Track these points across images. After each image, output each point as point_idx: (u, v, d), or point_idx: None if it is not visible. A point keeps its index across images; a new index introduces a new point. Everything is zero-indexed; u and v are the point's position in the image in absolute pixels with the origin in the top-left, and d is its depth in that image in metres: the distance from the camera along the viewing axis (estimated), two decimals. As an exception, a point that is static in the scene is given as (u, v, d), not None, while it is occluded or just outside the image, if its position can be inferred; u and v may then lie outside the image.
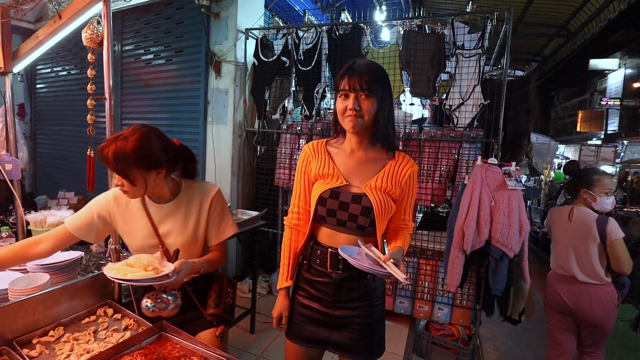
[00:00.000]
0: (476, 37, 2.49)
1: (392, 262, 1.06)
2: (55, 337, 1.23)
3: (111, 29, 1.41)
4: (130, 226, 1.38)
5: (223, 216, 1.42)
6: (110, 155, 1.17)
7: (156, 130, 1.29)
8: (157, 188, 1.32)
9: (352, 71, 1.12)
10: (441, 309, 2.67)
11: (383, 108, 1.15)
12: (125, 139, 1.19)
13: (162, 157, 1.26)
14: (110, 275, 1.11)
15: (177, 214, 1.36)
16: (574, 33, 6.00)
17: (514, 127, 2.50)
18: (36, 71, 5.13)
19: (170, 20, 3.49)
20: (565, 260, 2.02)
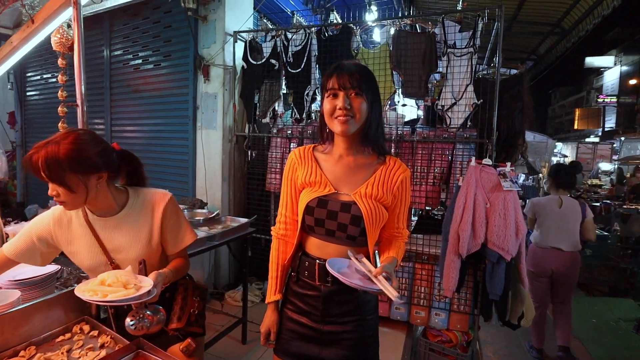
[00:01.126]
0: (467, 35, 2.44)
1: (385, 276, 0.99)
2: (26, 358, 1.16)
3: (82, 33, 1.36)
4: (75, 246, 1.26)
5: (180, 224, 1.34)
6: (41, 162, 1.04)
7: (91, 133, 1.19)
8: (101, 198, 1.21)
9: (341, 69, 1.07)
10: (438, 315, 2.60)
11: (374, 109, 1.09)
12: (57, 143, 1.06)
13: (101, 159, 1.14)
14: (86, 297, 1.03)
15: (127, 226, 1.26)
16: (568, 31, 5.97)
17: (508, 127, 2.45)
18: (26, 78, 5.06)
19: (158, 24, 3.44)
20: (554, 237, 2.68)
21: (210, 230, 2.31)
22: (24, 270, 1.49)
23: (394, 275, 1.02)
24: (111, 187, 1.25)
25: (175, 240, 1.33)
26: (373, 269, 1.02)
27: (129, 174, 1.32)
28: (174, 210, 1.32)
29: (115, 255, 1.27)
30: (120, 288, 1.06)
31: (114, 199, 1.25)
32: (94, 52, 3.98)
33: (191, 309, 1.33)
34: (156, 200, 1.29)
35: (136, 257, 1.26)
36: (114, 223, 1.25)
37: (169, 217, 1.29)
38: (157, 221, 1.28)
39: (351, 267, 1.07)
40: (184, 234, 1.34)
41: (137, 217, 1.27)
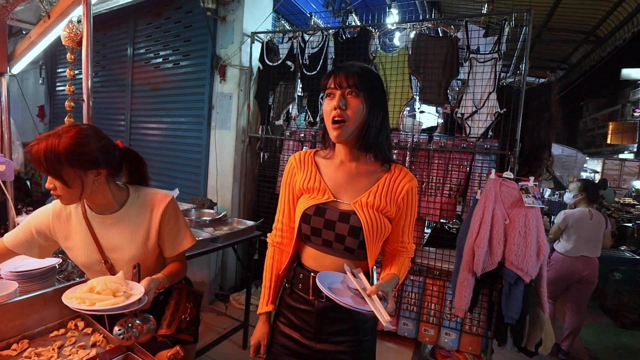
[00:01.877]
0: (492, 40, 2.31)
1: (380, 296, 0.90)
2: (17, 351, 1.15)
3: (91, 29, 1.35)
4: (72, 241, 1.25)
5: (179, 227, 1.30)
6: (41, 154, 1.03)
7: (94, 128, 1.17)
8: (100, 195, 1.18)
9: (339, 69, 1.00)
10: (448, 334, 2.47)
11: (373, 112, 1.00)
12: (58, 136, 1.05)
13: (101, 155, 1.12)
14: (74, 305, 0.99)
15: (125, 225, 1.23)
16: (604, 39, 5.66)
17: (532, 139, 2.29)
18: (56, 73, 5.25)
19: (179, 24, 3.49)
20: (582, 245, 2.88)
21: (215, 232, 2.28)
22: (26, 262, 1.49)
23: (391, 295, 0.93)
24: (111, 184, 1.22)
25: (173, 244, 1.29)
26: (369, 286, 0.94)
27: (131, 172, 1.30)
28: (174, 213, 1.28)
29: (110, 254, 1.24)
30: (109, 296, 1.02)
31: (114, 196, 1.22)
32: (119, 49, 4.09)
33: (183, 315, 1.27)
34: (156, 201, 1.26)
35: (131, 257, 1.23)
36: (112, 221, 1.23)
37: (167, 219, 1.26)
38: (156, 222, 1.24)
39: (344, 282, 0.99)
40: (182, 237, 1.30)
41: (136, 217, 1.24)
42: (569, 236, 2.91)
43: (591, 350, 3.15)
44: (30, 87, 5.93)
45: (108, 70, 4.26)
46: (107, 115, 4.25)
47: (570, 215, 2.94)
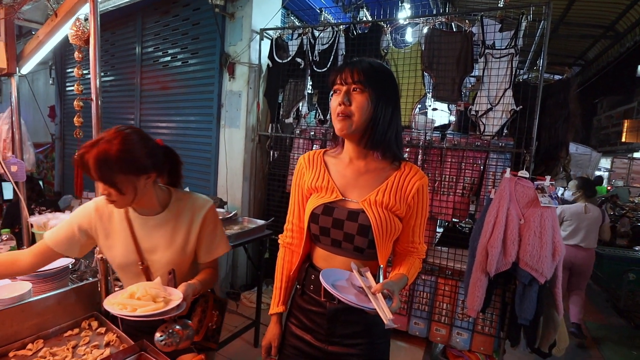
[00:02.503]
0: (508, 35, 2.25)
1: (385, 294, 0.88)
2: (32, 351, 1.17)
3: (98, 27, 1.33)
4: (111, 240, 1.25)
5: (216, 233, 1.29)
6: (92, 162, 1.03)
7: (140, 131, 1.17)
8: (146, 197, 1.19)
9: (345, 64, 0.99)
10: (460, 334, 2.44)
11: (380, 107, 0.96)
12: (108, 142, 1.04)
13: (150, 159, 1.13)
14: (116, 311, 1.01)
15: (165, 228, 1.24)
16: (623, 34, 5.49)
17: (549, 137, 2.23)
18: (66, 74, 5.30)
19: (187, 22, 3.47)
20: (579, 236, 3.24)
21: (226, 231, 2.27)
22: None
23: (397, 294, 0.90)
24: (156, 186, 1.23)
25: (208, 249, 1.29)
26: (374, 284, 0.91)
27: (169, 172, 1.30)
28: (213, 219, 1.29)
29: (148, 255, 1.24)
30: (149, 302, 1.02)
31: (157, 199, 1.23)
32: (127, 48, 4.10)
33: (209, 323, 1.29)
34: (198, 206, 1.26)
35: (168, 260, 1.23)
36: (153, 223, 1.23)
37: (207, 225, 1.26)
38: (196, 228, 1.24)
39: (349, 280, 0.97)
40: (218, 244, 1.31)
41: (176, 221, 1.24)
42: (566, 227, 3.32)
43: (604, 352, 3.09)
44: (40, 88, 6.00)
45: (117, 70, 4.27)
46: (116, 114, 4.27)
47: (566, 209, 3.37)
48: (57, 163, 5.65)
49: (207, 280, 1.26)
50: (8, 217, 3.24)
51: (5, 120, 2.09)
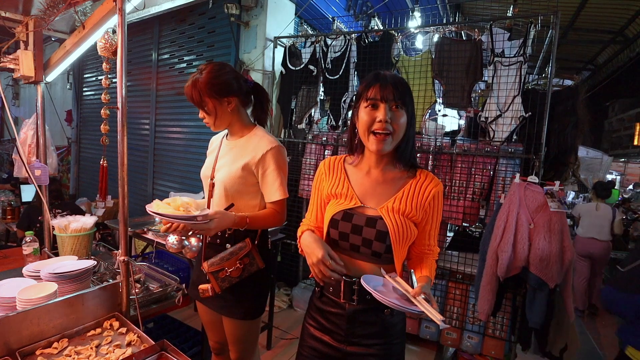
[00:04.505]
0: (517, 43, 2.29)
1: (424, 298, 0.93)
2: (58, 350, 1.21)
3: (125, 39, 1.40)
4: (210, 156, 1.53)
5: (274, 177, 1.36)
6: (188, 90, 1.33)
7: (223, 64, 1.38)
8: (233, 123, 1.40)
9: (385, 79, 1.00)
10: (471, 338, 2.47)
11: (412, 124, 1.04)
12: (200, 72, 1.33)
13: (231, 85, 1.34)
14: (148, 208, 1.20)
15: (234, 153, 1.41)
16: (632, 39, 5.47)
17: (558, 142, 2.25)
18: (83, 79, 5.45)
19: (203, 29, 3.57)
20: (591, 229, 3.83)
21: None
22: (63, 264, 1.55)
23: (433, 297, 0.95)
24: (244, 116, 1.44)
25: (268, 190, 1.38)
26: (410, 288, 0.96)
27: (255, 106, 1.47)
28: (273, 160, 1.36)
29: (216, 173, 1.42)
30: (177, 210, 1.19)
31: (242, 128, 1.43)
32: (144, 55, 4.21)
33: (227, 267, 1.34)
34: (263, 143, 1.37)
35: (222, 181, 1.38)
36: (230, 147, 1.43)
37: (266, 163, 1.35)
38: (253, 161, 1.35)
39: (387, 285, 1.01)
40: (277, 188, 1.37)
41: (243, 150, 1.39)
42: (581, 222, 3.94)
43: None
44: (58, 92, 6.16)
45: (133, 76, 4.39)
46: (132, 119, 4.38)
47: (579, 207, 4.09)
48: (72, 166, 5.78)
49: (262, 217, 1.37)
50: (25, 218, 3.33)
51: (31, 126, 2.17)
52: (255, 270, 1.38)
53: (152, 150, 4.18)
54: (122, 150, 1.42)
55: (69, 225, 2.07)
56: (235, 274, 1.34)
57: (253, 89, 1.45)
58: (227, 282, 1.35)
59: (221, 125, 1.39)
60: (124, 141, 1.42)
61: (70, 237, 2.04)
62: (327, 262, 0.99)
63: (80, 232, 2.07)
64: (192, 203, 1.21)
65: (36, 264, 1.62)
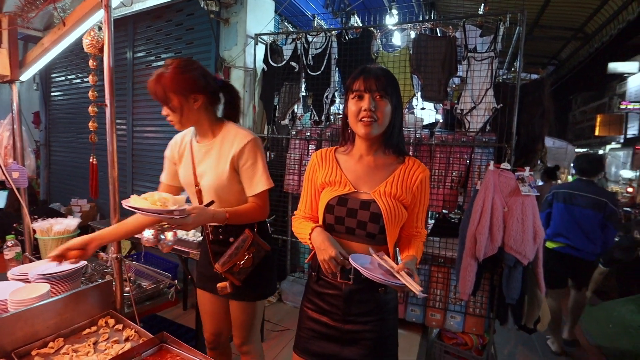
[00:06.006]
0: (488, 40, 2.42)
1: (407, 272, 1.01)
2: (54, 349, 1.21)
3: (112, 35, 1.40)
4: (181, 164, 1.47)
5: (256, 168, 1.37)
6: (152, 85, 1.27)
7: (190, 61, 1.34)
8: (201, 123, 1.35)
9: (368, 72, 1.10)
10: (454, 317, 2.59)
11: (397, 113, 1.12)
12: (166, 66, 1.28)
13: (198, 82, 1.29)
14: (124, 203, 1.15)
15: (212, 155, 1.38)
16: (592, 36, 5.84)
17: (527, 131, 2.41)
18: (51, 79, 5.23)
19: (181, 26, 3.52)
20: None
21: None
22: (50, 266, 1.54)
23: (416, 272, 1.04)
24: (211, 114, 1.39)
25: (249, 183, 1.38)
26: (395, 265, 1.04)
27: (226, 105, 1.44)
28: (252, 153, 1.36)
29: (200, 179, 1.39)
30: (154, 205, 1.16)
31: (211, 127, 1.38)
32: (117, 54, 4.08)
33: (238, 261, 1.38)
34: (239, 136, 1.36)
35: (212, 185, 1.37)
36: (205, 150, 1.39)
37: (245, 157, 1.35)
38: (231, 155, 1.34)
39: (373, 262, 1.09)
40: (258, 179, 1.37)
41: (221, 149, 1.37)
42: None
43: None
44: (23, 93, 5.78)
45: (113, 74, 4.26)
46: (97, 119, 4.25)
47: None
48: (42, 170, 5.52)
49: (243, 212, 1.36)
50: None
51: (6, 127, 2.10)
52: (264, 254, 1.43)
53: (130, 151, 4.09)
54: (112, 149, 1.43)
55: (52, 228, 2.04)
56: (248, 264, 1.39)
57: (222, 88, 1.41)
58: (244, 274, 1.40)
59: (187, 123, 1.35)
60: (113, 139, 1.42)
61: (53, 240, 2.01)
62: (339, 260, 1.06)
63: (63, 235, 2.04)
64: (170, 198, 1.19)
65: (21, 267, 1.59)
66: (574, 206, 2.79)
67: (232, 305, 1.51)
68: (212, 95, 1.37)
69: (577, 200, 2.79)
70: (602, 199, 2.72)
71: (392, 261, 1.07)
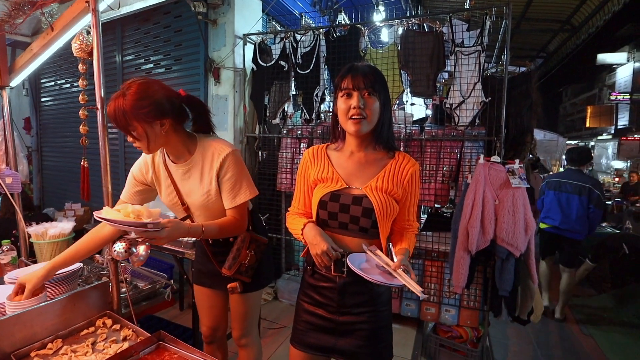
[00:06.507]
0: (475, 34, 2.45)
1: (403, 270, 1.04)
2: (53, 350, 1.22)
3: (101, 39, 1.41)
4: (159, 186, 1.42)
5: (236, 179, 1.33)
6: (111, 114, 1.17)
7: (156, 82, 1.24)
8: (172, 144, 1.29)
9: (356, 70, 1.11)
10: (448, 311, 2.63)
11: (386, 109, 1.15)
12: (123, 94, 1.16)
13: (162, 107, 1.20)
14: (96, 214, 1.09)
15: (194, 172, 1.34)
16: (578, 27, 5.91)
17: (516, 124, 2.45)
18: (41, 84, 5.19)
19: (169, 28, 3.51)
20: None
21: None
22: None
23: (411, 267, 1.06)
24: (181, 133, 1.31)
25: (229, 195, 1.33)
26: (390, 262, 1.06)
27: (195, 119, 1.37)
28: (232, 165, 1.32)
29: (186, 198, 1.38)
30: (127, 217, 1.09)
31: (185, 145, 1.32)
32: (106, 57, 4.06)
33: (243, 260, 1.40)
34: (217, 150, 1.31)
35: (200, 203, 1.36)
36: (184, 169, 1.35)
37: (225, 170, 1.31)
38: (214, 171, 1.31)
39: (370, 261, 1.11)
40: (237, 191, 1.33)
41: (201, 165, 1.33)
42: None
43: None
44: (13, 99, 5.75)
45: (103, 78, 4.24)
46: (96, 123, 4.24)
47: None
48: (35, 176, 5.50)
49: (221, 226, 1.30)
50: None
51: (-1, 132, 2.11)
52: (264, 248, 1.47)
53: (122, 154, 4.08)
54: (104, 152, 1.45)
55: (47, 232, 2.04)
56: (252, 260, 1.43)
57: (188, 104, 1.32)
58: (251, 270, 1.43)
59: (156, 147, 1.27)
60: (105, 142, 1.44)
61: (49, 244, 2.01)
62: (331, 254, 1.09)
63: (59, 238, 2.04)
64: (144, 210, 1.12)
65: (17, 271, 1.60)
66: (562, 192, 3.24)
67: (233, 298, 1.53)
68: (179, 115, 1.29)
69: (564, 187, 3.23)
70: (586, 185, 3.13)
71: (385, 257, 1.10)
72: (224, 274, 1.40)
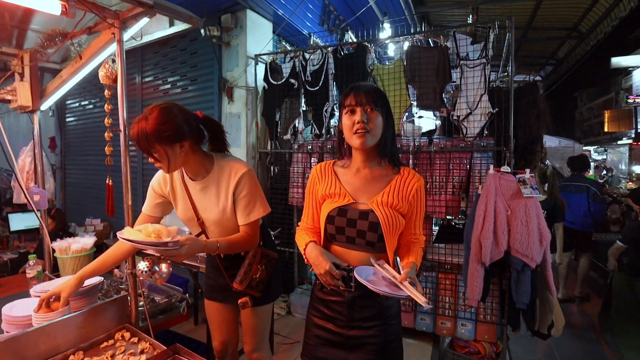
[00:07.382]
0: (479, 47, 2.49)
1: (410, 282, 1.06)
2: (75, 362, 1.27)
3: (124, 67, 1.52)
4: (176, 200, 1.49)
5: (251, 197, 1.40)
6: (134, 137, 1.24)
7: (175, 105, 1.32)
8: (191, 163, 1.37)
9: (358, 88, 1.17)
10: (465, 325, 2.57)
11: (389, 124, 1.19)
12: (145, 119, 1.24)
13: (182, 129, 1.27)
14: (119, 235, 1.17)
15: (210, 190, 1.41)
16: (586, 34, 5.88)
17: (525, 134, 2.45)
18: (66, 105, 5.46)
19: (185, 51, 3.68)
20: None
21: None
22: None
23: (418, 280, 1.08)
24: (199, 153, 1.39)
25: (243, 212, 1.40)
26: (397, 274, 1.08)
27: (211, 139, 1.45)
28: (247, 183, 1.39)
29: (201, 213, 1.44)
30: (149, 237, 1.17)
31: (202, 164, 1.40)
32: (127, 79, 4.18)
33: (254, 275, 1.45)
34: (233, 170, 1.39)
35: (215, 219, 1.42)
36: (201, 186, 1.42)
37: (241, 188, 1.38)
38: (231, 190, 1.38)
39: (377, 274, 1.13)
40: (252, 208, 1.40)
41: (218, 183, 1.40)
42: None
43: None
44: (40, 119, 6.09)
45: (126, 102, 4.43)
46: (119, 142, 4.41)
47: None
48: (58, 193, 5.72)
49: (235, 242, 1.38)
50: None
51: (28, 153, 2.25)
52: (274, 263, 1.52)
53: (140, 171, 4.22)
54: (126, 171, 1.53)
55: (70, 247, 2.13)
56: (263, 275, 1.47)
57: (204, 123, 1.40)
58: (262, 284, 1.47)
59: (175, 168, 1.35)
60: (127, 161, 1.53)
61: (71, 259, 2.10)
62: (334, 273, 1.12)
63: (81, 253, 2.13)
64: (163, 230, 1.19)
65: (42, 284, 1.67)
66: (568, 193, 3.91)
67: (244, 312, 1.56)
68: (197, 136, 1.37)
69: (570, 188, 3.99)
70: (585, 185, 3.93)
71: (393, 270, 1.12)
72: (235, 289, 1.43)
